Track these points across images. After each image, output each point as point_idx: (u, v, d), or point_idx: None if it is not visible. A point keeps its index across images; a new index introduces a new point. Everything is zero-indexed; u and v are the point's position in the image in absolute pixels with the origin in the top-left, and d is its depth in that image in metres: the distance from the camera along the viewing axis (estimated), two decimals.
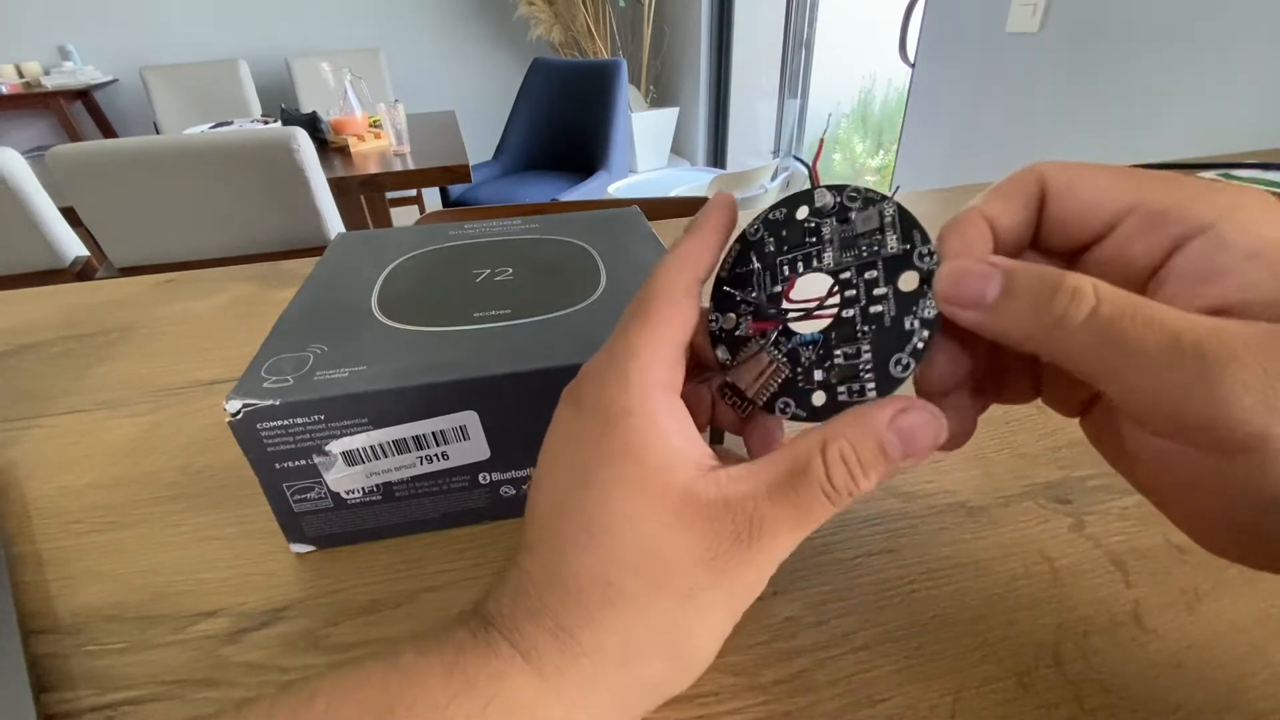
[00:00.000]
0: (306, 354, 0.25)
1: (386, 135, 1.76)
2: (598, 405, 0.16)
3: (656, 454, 0.15)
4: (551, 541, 0.16)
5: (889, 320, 0.16)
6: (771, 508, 0.15)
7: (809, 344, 0.17)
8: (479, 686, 0.15)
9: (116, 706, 0.21)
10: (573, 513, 0.16)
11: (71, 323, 0.48)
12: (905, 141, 1.86)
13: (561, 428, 0.17)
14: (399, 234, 0.37)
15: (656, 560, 0.15)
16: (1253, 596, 0.23)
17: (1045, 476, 0.29)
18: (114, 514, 0.29)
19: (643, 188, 2.49)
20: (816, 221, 0.18)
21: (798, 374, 0.17)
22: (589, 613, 0.15)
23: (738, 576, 0.15)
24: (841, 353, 0.16)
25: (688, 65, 3.08)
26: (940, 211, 0.64)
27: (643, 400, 0.16)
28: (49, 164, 1.07)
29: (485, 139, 2.79)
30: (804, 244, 0.18)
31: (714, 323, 0.19)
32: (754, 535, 0.15)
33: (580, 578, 0.15)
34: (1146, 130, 1.22)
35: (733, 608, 0.16)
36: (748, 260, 0.19)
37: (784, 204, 0.19)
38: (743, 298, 0.19)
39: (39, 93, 2.79)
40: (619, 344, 0.17)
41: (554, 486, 0.17)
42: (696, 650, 0.16)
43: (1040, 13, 1.35)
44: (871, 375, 0.16)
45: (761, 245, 0.19)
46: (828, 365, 0.17)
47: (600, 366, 0.17)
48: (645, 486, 0.15)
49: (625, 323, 0.17)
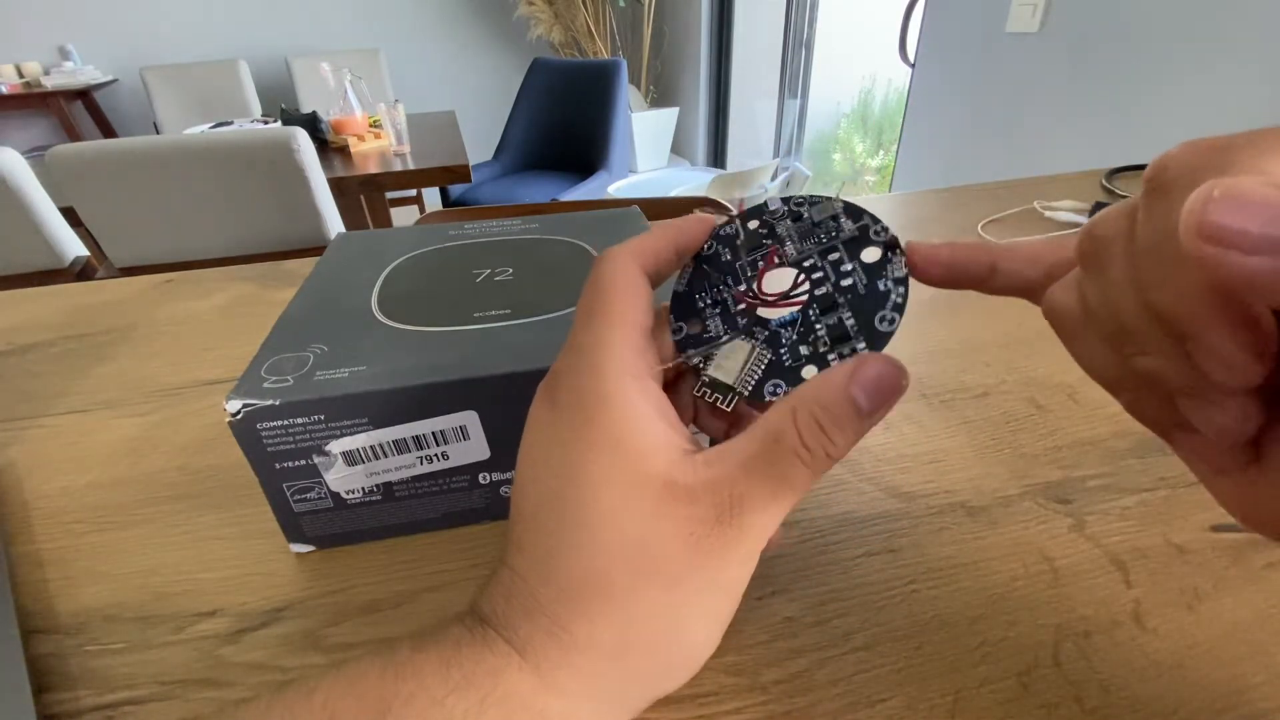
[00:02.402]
0: (306, 354, 0.25)
1: (386, 135, 1.76)
2: (574, 399, 0.16)
3: (637, 442, 0.15)
4: (541, 539, 0.16)
5: (862, 288, 0.17)
6: (749, 483, 0.15)
7: (788, 324, 0.18)
8: (476, 681, 0.15)
9: (116, 706, 0.21)
10: (559, 509, 0.16)
11: (71, 323, 0.48)
12: (905, 141, 1.86)
13: (539, 426, 0.17)
14: (399, 234, 0.37)
15: (642, 550, 0.15)
16: (1253, 597, 0.23)
17: (1045, 476, 0.29)
18: (114, 514, 0.29)
19: (643, 188, 2.49)
20: (770, 224, 0.19)
21: (782, 354, 0.18)
22: (583, 607, 0.15)
23: (722, 558, 0.15)
24: (823, 324, 0.17)
25: (688, 65, 3.08)
26: (940, 212, 0.64)
27: (618, 387, 0.16)
28: (49, 164, 1.07)
29: (485, 139, 2.79)
30: (761, 245, 0.19)
31: (678, 332, 0.19)
32: (734, 514, 0.15)
33: (572, 573, 0.15)
34: (1146, 130, 1.23)
35: (723, 595, 0.16)
36: (703, 272, 0.20)
37: (734, 219, 0.20)
38: (704, 300, 0.19)
39: (39, 93, 2.79)
40: (585, 339, 0.17)
41: (538, 484, 0.17)
42: (690, 642, 0.16)
43: (1040, 13, 1.36)
44: (861, 334, 0.17)
45: (717, 257, 0.20)
46: (812, 338, 0.17)
47: (571, 362, 0.17)
48: (627, 477, 0.15)
49: (585, 319, 0.17)
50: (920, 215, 0.63)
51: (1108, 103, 1.27)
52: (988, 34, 1.50)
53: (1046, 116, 1.41)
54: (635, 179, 2.61)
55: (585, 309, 0.17)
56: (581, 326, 0.17)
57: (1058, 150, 1.40)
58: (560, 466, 0.16)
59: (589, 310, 0.17)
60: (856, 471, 0.30)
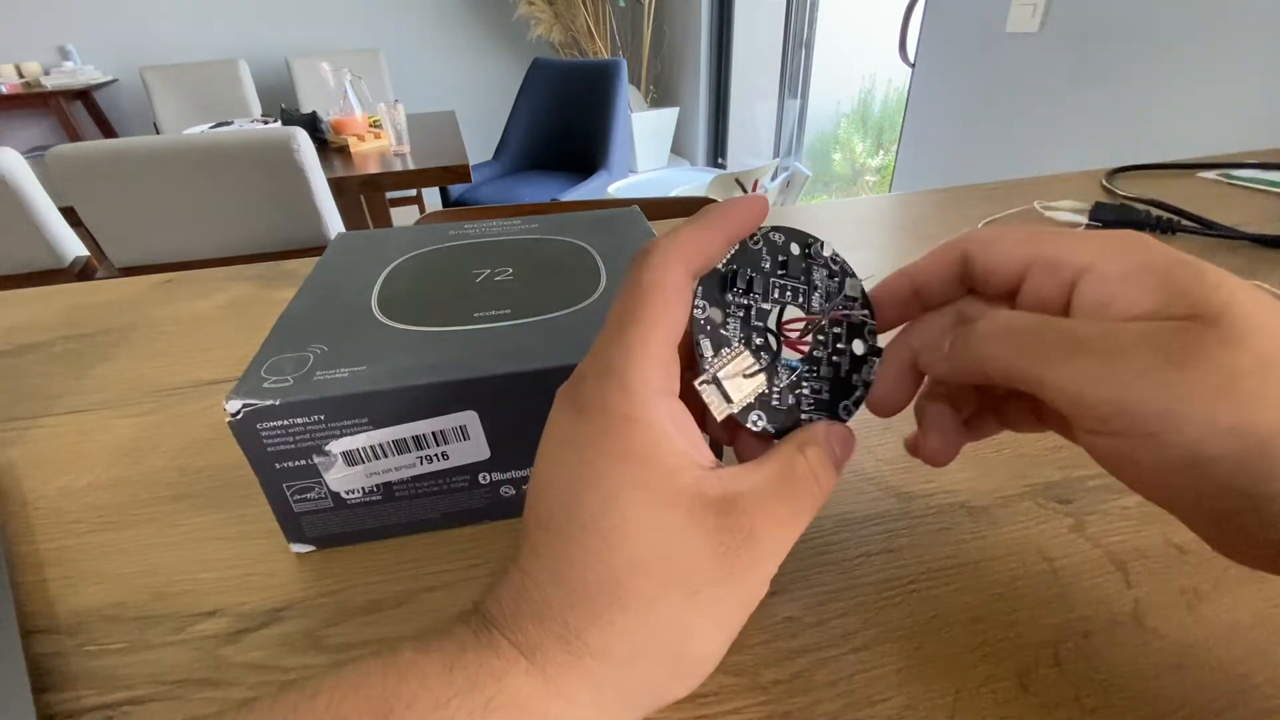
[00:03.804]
0: (306, 354, 0.25)
1: (386, 135, 1.76)
2: (599, 410, 0.16)
3: (664, 457, 0.16)
4: (557, 543, 0.16)
5: (843, 372, 0.20)
6: (774, 503, 0.16)
7: (789, 368, 0.20)
8: (481, 684, 0.15)
9: (116, 706, 0.21)
10: (579, 515, 0.16)
11: (71, 323, 0.48)
12: (905, 141, 1.86)
13: (561, 431, 0.17)
14: (399, 234, 0.37)
15: (667, 560, 0.15)
16: (1253, 597, 0.23)
17: (1045, 476, 0.29)
18: (114, 514, 0.29)
19: (643, 188, 2.49)
20: (811, 266, 0.20)
21: (773, 391, 0.19)
22: (596, 614, 0.15)
23: (745, 572, 0.16)
24: (809, 386, 0.20)
25: (688, 65, 3.08)
26: (940, 212, 0.64)
27: (644, 408, 0.16)
28: (49, 164, 1.07)
29: (485, 139, 2.79)
30: (799, 280, 0.20)
31: (700, 310, 0.18)
32: (761, 530, 0.16)
33: (588, 579, 0.15)
34: (1146, 130, 1.23)
35: (737, 608, 0.16)
36: (745, 267, 0.19)
37: (783, 231, 0.20)
38: (735, 299, 0.19)
39: (39, 93, 2.79)
40: (614, 350, 0.16)
41: (556, 489, 0.16)
42: (699, 653, 0.16)
43: (1040, 13, 1.36)
44: (827, 413, 0.20)
45: (759, 259, 0.20)
46: (796, 393, 0.19)
47: (597, 372, 0.17)
48: (655, 488, 0.15)
49: (618, 326, 0.17)
50: (920, 215, 0.63)
51: (1108, 103, 1.27)
52: (988, 34, 1.50)
53: (1046, 116, 1.41)
54: (635, 179, 2.61)
55: (619, 313, 0.17)
56: (613, 333, 0.17)
57: (1058, 150, 1.40)
58: (582, 473, 0.16)
59: (622, 316, 0.17)
60: (857, 471, 0.30)
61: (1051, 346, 0.15)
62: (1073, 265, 0.17)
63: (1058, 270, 0.17)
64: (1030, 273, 0.18)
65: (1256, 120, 1.06)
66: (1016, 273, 0.18)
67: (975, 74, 1.56)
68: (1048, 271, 0.17)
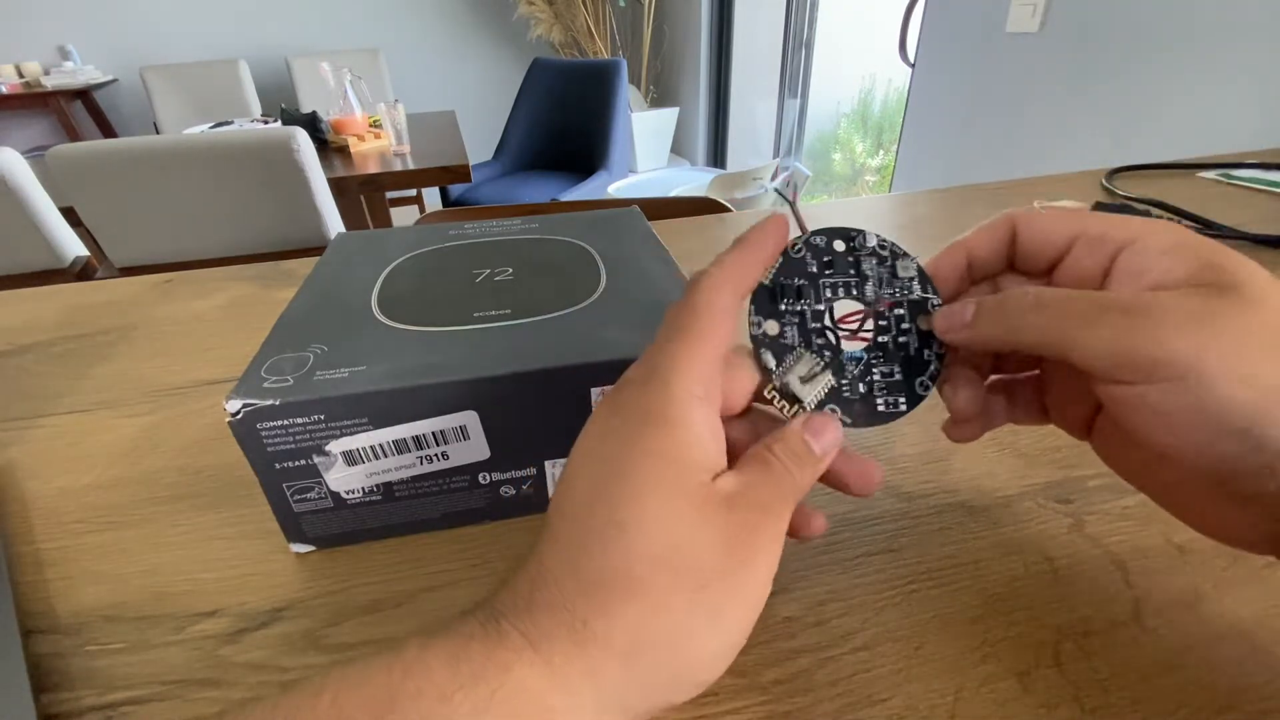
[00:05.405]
0: (306, 354, 0.25)
1: (386, 135, 1.76)
2: (637, 410, 0.17)
3: (694, 459, 0.17)
4: (577, 534, 0.16)
5: (913, 350, 0.20)
6: (763, 494, 0.17)
7: (854, 360, 0.20)
8: (486, 676, 0.15)
9: (116, 706, 0.21)
10: (601, 507, 0.16)
11: (71, 323, 0.48)
12: (905, 141, 1.86)
13: (597, 428, 0.18)
14: (399, 234, 0.37)
15: (680, 554, 0.16)
16: (1253, 597, 0.23)
17: (1045, 476, 0.29)
18: (114, 514, 0.29)
19: (643, 188, 2.49)
20: (858, 257, 0.21)
21: (843, 384, 0.20)
22: (606, 603, 0.15)
23: (749, 563, 0.16)
24: (879, 371, 0.20)
25: (688, 65, 3.08)
26: (940, 212, 0.64)
27: (683, 411, 0.17)
28: (49, 164, 1.07)
29: (485, 139, 2.79)
30: (848, 274, 0.21)
31: (756, 327, 0.20)
32: (761, 521, 0.17)
33: (604, 570, 0.16)
34: (1146, 130, 1.23)
35: (742, 606, 0.17)
36: (791, 275, 0.20)
37: (823, 232, 0.21)
38: (786, 304, 0.20)
39: (39, 93, 2.79)
40: (662, 358, 0.18)
41: (583, 480, 0.17)
42: (701, 654, 0.16)
43: (1040, 13, 1.36)
44: (903, 393, 0.20)
45: (804, 264, 0.21)
46: (869, 380, 0.20)
47: (642, 376, 0.18)
48: (678, 486, 0.16)
49: (668, 334, 0.18)
50: (920, 215, 0.63)
51: (1107, 103, 1.27)
52: (988, 34, 1.50)
53: (1046, 116, 1.41)
54: (635, 179, 2.61)
55: (671, 324, 0.18)
56: (663, 341, 0.18)
57: (1058, 150, 1.40)
58: (610, 467, 0.17)
59: (673, 326, 0.18)
60: None
61: (1081, 313, 0.17)
62: (1118, 240, 0.18)
63: (1103, 244, 0.18)
64: (1076, 245, 0.19)
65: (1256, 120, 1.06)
66: (1063, 246, 0.19)
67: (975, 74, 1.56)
68: (1093, 245, 0.19)
